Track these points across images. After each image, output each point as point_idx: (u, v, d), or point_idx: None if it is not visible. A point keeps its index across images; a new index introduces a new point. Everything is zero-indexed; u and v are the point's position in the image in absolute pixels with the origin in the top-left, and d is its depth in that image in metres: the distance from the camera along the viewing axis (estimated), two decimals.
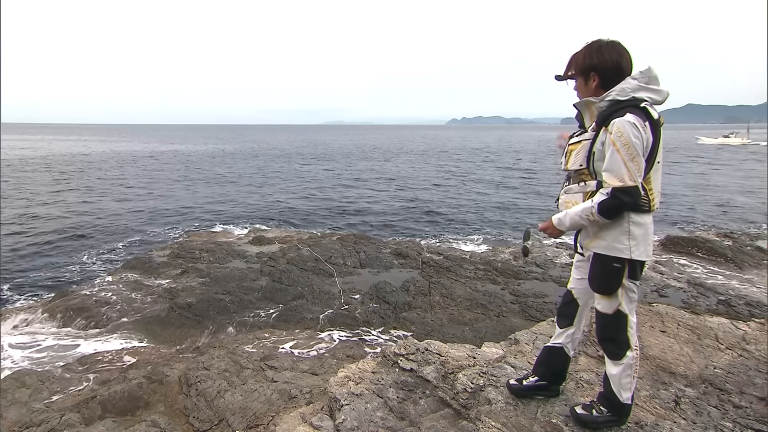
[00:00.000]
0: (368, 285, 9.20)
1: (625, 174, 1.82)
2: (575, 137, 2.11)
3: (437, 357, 3.03)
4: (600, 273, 2.05)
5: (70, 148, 58.92)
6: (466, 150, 63.89)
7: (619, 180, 1.83)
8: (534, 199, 21.94)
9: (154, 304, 8.41)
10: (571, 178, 2.14)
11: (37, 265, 10.99)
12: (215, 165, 38.89)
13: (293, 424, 2.79)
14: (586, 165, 2.01)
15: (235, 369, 5.74)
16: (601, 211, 1.88)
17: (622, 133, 1.81)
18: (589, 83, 2.02)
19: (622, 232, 1.95)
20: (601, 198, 1.88)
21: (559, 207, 2.18)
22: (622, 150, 1.82)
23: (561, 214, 2.06)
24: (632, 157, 1.81)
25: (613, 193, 1.84)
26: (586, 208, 1.93)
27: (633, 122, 1.82)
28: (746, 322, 3.50)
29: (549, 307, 7.94)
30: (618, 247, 1.96)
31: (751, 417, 2.38)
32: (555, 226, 2.07)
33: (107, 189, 23.69)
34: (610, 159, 1.85)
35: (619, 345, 2.09)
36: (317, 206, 19.71)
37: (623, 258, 1.96)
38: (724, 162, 40.97)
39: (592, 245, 2.05)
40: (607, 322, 2.09)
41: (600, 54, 1.98)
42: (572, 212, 2.00)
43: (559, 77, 2.13)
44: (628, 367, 2.09)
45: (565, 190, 2.15)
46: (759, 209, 18.63)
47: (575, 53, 2.07)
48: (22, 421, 4.72)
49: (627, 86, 1.91)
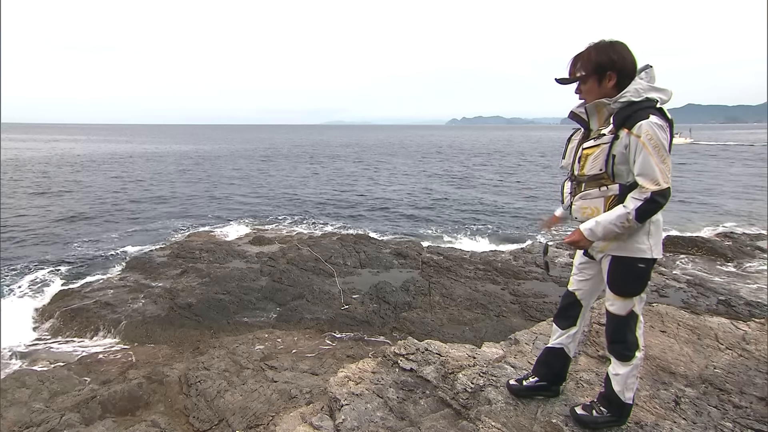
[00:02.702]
0: (368, 285, 9.20)
1: (660, 176, 1.79)
2: (590, 141, 2.01)
3: (437, 357, 3.03)
4: (624, 276, 2.00)
5: (70, 149, 58.90)
6: (466, 150, 63.88)
7: (654, 183, 1.79)
8: (534, 199, 21.95)
9: (154, 304, 8.41)
10: (583, 183, 2.05)
11: (36, 266, 10.99)
12: (215, 165, 38.88)
13: (293, 424, 2.79)
14: (605, 169, 1.92)
15: (235, 369, 5.74)
16: (638, 217, 1.82)
17: (652, 135, 1.78)
18: (604, 83, 1.93)
19: (644, 232, 1.92)
20: (636, 203, 1.82)
21: (574, 213, 2.10)
22: (653, 152, 1.78)
23: (591, 223, 1.94)
24: (663, 159, 1.79)
25: (652, 197, 1.80)
26: (621, 215, 1.85)
27: (660, 123, 1.80)
28: (746, 322, 3.50)
29: (549, 307, 7.93)
30: (641, 247, 1.93)
31: (751, 417, 2.38)
32: (586, 237, 1.95)
33: (107, 189, 23.68)
34: (643, 162, 1.80)
35: (629, 346, 2.08)
36: (318, 206, 19.71)
37: (647, 258, 1.94)
38: (702, 162, 40.99)
39: (609, 248, 1.99)
40: (620, 324, 2.07)
41: (617, 52, 1.91)
42: (605, 221, 1.89)
43: (564, 80, 2.02)
44: (635, 368, 2.09)
45: (581, 196, 2.05)
46: (759, 209, 18.63)
47: (581, 53, 1.97)
48: (22, 421, 4.73)
49: (640, 87, 1.87)
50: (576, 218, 2.09)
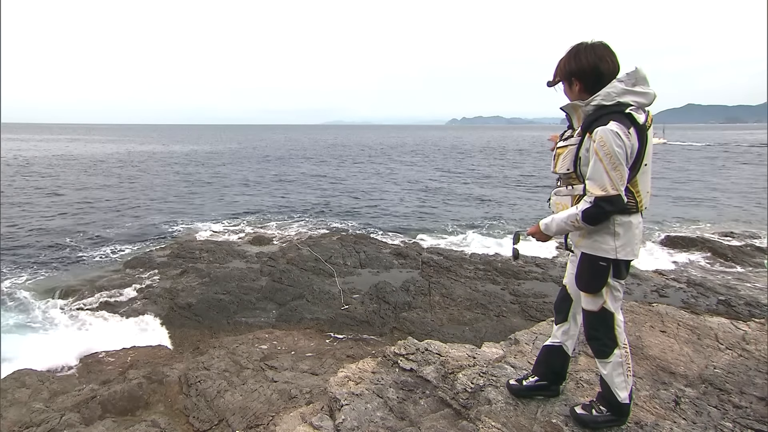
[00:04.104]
0: (368, 285, 9.20)
1: (608, 183, 1.84)
2: (562, 141, 2.12)
3: (437, 357, 3.03)
4: (586, 271, 2.08)
5: (70, 149, 58.92)
6: (466, 150, 63.90)
7: (601, 189, 1.85)
8: (534, 200, 21.95)
9: (154, 304, 8.42)
10: (560, 179, 2.16)
11: (35, 265, 10.99)
12: (215, 165, 38.90)
13: (293, 424, 2.79)
14: (573, 169, 2.02)
15: (235, 369, 5.75)
16: (585, 219, 1.91)
17: (605, 142, 1.83)
18: (573, 88, 2.04)
19: (608, 233, 1.98)
20: (584, 206, 1.91)
21: (551, 207, 2.20)
22: (604, 159, 1.83)
23: (548, 219, 2.08)
24: (615, 167, 1.83)
25: (596, 202, 1.87)
26: (571, 215, 1.96)
27: (616, 131, 1.82)
28: (746, 322, 3.50)
29: (549, 307, 7.94)
30: (604, 247, 1.99)
31: (751, 417, 2.38)
32: (542, 231, 2.09)
33: (107, 189, 23.68)
34: (593, 168, 1.87)
35: (605, 343, 2.10)
36: (317, 206, 19.71)
37: (608, 258, 1.99)
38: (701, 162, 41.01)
39: (580, 244, 2.09)
40: (593, 320, 2.12)
41: (577, 59, 1.98)
42: (558, 218, 2.02)
43: (550, 83, 2.14)
44: (617, 365, 2.09)
45: (555, 192, 2.18)
46: (759, 209, 18.63)
47: (561, 58, 2.07)
48: (22, 421, 4.73)
49: (612, 90, 1.91)
50: (553, 212, 2.17)
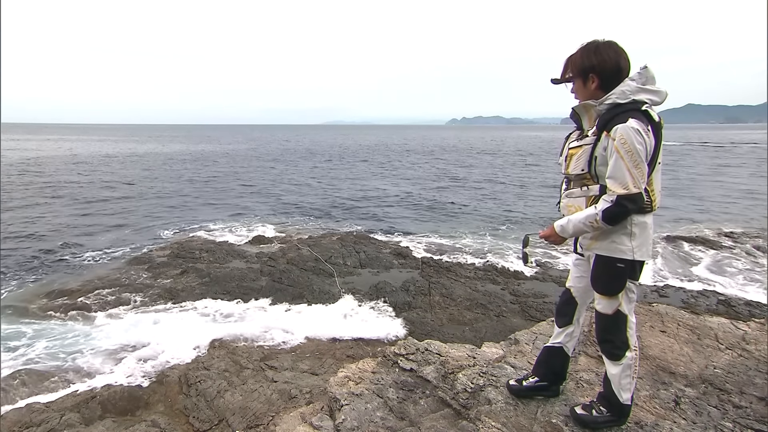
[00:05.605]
0: (368, 285, 9.20)
1: (630, 181, 1.81)
2: (575, 141, 2.07)
3: (437, 357, 3.03)
4: (603, 274, 2.04)
5: (70, 149, 58.91)
6: (466, 150, 63.89)
7: (623, 187, 1.82)
8: (534, 199, 21.94)
9: (154, 304, 8.41)
10: (571, 181, 2.10)
11: (35, 265, 10.98)
12: (215, 165, 38.89)
13: (293, 424, 2.79)
14: (588, 169, 1.98)
15: (235, 369, 5.75)
16: (605, 219, 1.87)
17: (626, 140, 1.80)
18: (588, 85, 1.99)
19: (625, 233, 1.95)
20: (605, 205, 1.87)
21: (562, 210, 2.15)
22: (626, 157, 1.80)
23: (563, 221, 2.03)
24: (636, 164, 1.80)
25: (618, 200, 1.83)
26: (590, 215, 1.91)
27: (636, 128, 1.80)
28: (746, 322, 3.50)
29: (549, 307, 7.94)
30: (621, 248, 1.96)
31: (751, 417, 2.38)
32: (557, 233, 2.05)
33: (107, 188, 23.68)
34: (614, 166, 1.84)
35: (618, 345, 2.08)
36: (317, 206, 19.70)
37: (626, 259, 1.96)
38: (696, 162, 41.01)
39: (594, 247, 2.04)
40: (607, 323, 2.09)
41: (598, 54, 1.95)
42: (575, 219, 1.97)
43: (556, 80, 2.09)
44: (627, 368, 2.09)
45: (566, 194, 2.11)
46: (759, 209, 18.63)
47: (571, 55, 2.03)
48: (22, 421, 4.72)
49: (627, 89, 1.89)
50: (563, 215, 2.12)
